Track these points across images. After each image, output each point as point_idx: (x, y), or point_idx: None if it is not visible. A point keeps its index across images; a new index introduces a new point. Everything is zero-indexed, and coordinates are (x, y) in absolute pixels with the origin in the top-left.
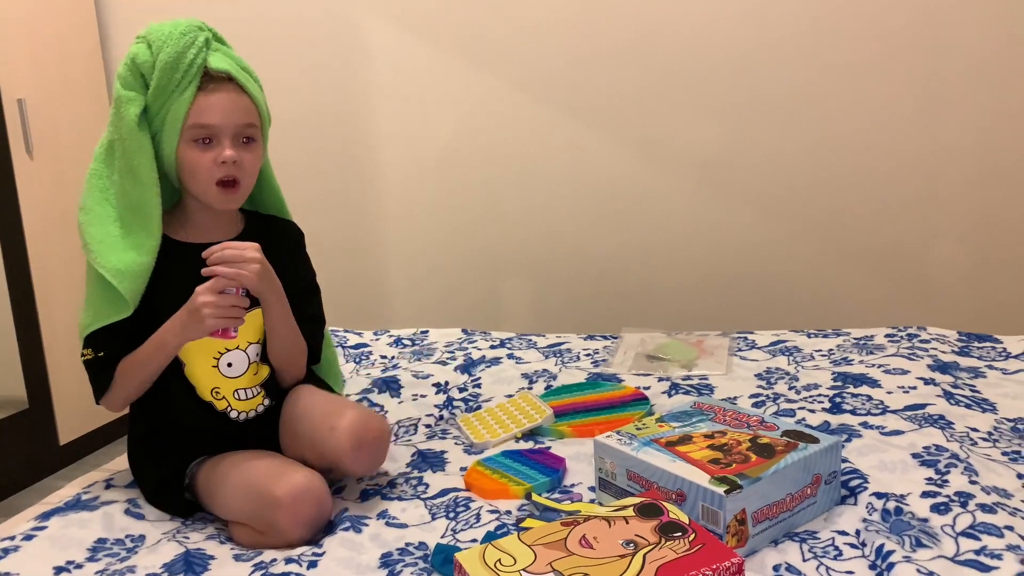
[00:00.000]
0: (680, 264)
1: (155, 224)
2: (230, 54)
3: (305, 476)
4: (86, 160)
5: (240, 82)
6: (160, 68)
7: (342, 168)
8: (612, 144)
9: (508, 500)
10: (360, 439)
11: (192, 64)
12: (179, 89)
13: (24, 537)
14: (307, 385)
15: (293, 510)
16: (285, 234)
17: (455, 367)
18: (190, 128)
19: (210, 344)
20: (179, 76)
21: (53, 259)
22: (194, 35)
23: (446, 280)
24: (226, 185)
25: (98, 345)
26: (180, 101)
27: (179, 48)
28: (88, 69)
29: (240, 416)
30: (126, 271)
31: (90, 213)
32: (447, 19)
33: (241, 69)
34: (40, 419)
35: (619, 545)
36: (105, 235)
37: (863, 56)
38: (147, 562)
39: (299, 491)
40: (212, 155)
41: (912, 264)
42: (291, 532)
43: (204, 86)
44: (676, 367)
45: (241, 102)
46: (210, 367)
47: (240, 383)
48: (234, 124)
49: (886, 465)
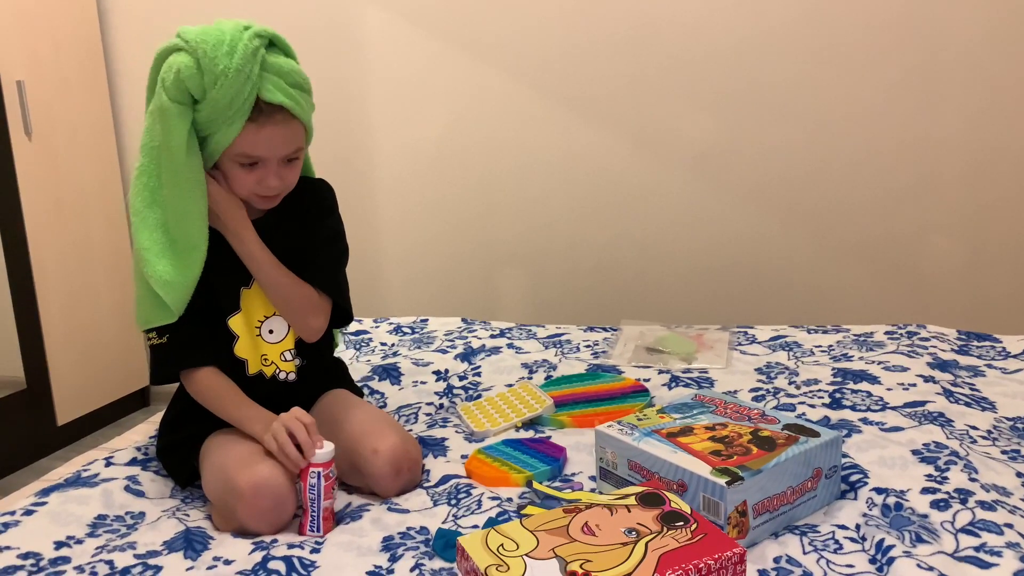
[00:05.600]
0: (675, 257)
1: (200, 237)
2: (284, 70)
3: (269, 469)
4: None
5: (292, 111)
6: (211, 103)
7: (339, 159)
8: (610, 136)
9: (509, 488)
10: (399, 466)
11: (246, 101)
12: (228, 121)
13: (24, 512)
14: (342, 390)
15: (251, 502)
16: (313, 193)
17: (455, 355)
18: (236, 155)
19: (252, 314)
20: (231, 113)
21: (51, 240)
22: (250, 67)
23: (443, 272)
24: (265, 196)
25: (162, 330)
26: (228, 131)
27: (235, 87)
28: (87, 51)
29: (289, 377)
30: (173, 283)
31: (138, 215)
32: (442, 11)
33: (294, 92)
34: (38, 400)
35: (621, 533)
36: (153, 242)
37: (859, 49)
38: (147, 539)
39: (259, 484)
40: (255, 176)
41: (908, 258)
42: (249, 523)
43: (255, 117)
44: (676, 360)
45: (290, 132)
46: (254, 336)
47: (284, 345)
48: (281, 155)
49: (886, 461)
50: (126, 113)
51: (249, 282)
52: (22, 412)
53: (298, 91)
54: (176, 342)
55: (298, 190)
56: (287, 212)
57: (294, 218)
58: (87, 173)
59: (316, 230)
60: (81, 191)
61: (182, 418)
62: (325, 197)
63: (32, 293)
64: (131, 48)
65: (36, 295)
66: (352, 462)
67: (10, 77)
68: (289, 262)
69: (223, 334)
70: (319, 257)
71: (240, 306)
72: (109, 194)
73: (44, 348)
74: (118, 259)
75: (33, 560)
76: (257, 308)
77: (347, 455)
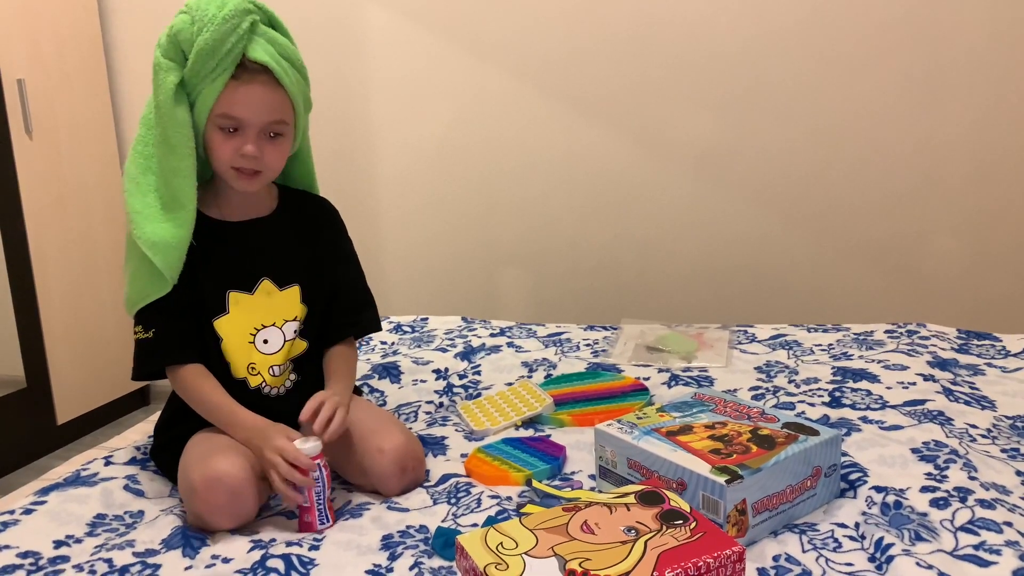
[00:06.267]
0: (676, 256)
1: (188, 196)
2: (277, 40)
3: (226, 464)
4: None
5: (277, 75)
6: (197, 51)
7: (341, 158)
8: (611, 136)
9: (509, 486)
10: (404, 464)
11: (230, 53)
12: (212, 75)
13: (23, 511)
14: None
15: (204, 497)
16: (321, 210)
17: (455, 354)
18: (217, 116)
19: (247, 321)
20: (214, 63)
21: (52, 238)
22: (238, 20)
23: (443, 271)
24: (243, 171)
25: (148, 323)
26: (211, 87)
27: (219, 35)
28: (88, 49)
29: (272, 392)
30: (160, 243)
31: (132, 182)
32: (444, 10)
33: (282, 59)
34: (38, 399)
35: (620, 531)
36: (144, 205)
37: (861, 49)
38: (146, 537)
39: (211, 479)
40: (234, 144)
41: (909, 258)
42: (209, 520)
43: (238, 75)
44: (676, 359)
45: (273, 97)
46: (246, 343)
47: (275, 360)
48: (262, 120)
49: (885, 459)
50: (127, 111)
51: (250, 288)
52: (22, 411)
53: (288, 63)
54: (162, 337)
55: (303, 199)
56: (294, 218)
57: (302, 224)
58: (88, 171)
59: (335, 247)
60: (82, 189)
61: (175, 418)
62: (336, 215)
63: (32, 292)
64: (132, 46)
65: (36, 294)
66: (356, 461)
67: (11, 75)
68: (293, 263)
69: (208, 335)
70: (350, 274)
71: (228, 308)
72: (109, 192)
73: (44, 347)
74: (119, 257)
75: (32, 559)
76: (255, 315)
77: (351, 454)
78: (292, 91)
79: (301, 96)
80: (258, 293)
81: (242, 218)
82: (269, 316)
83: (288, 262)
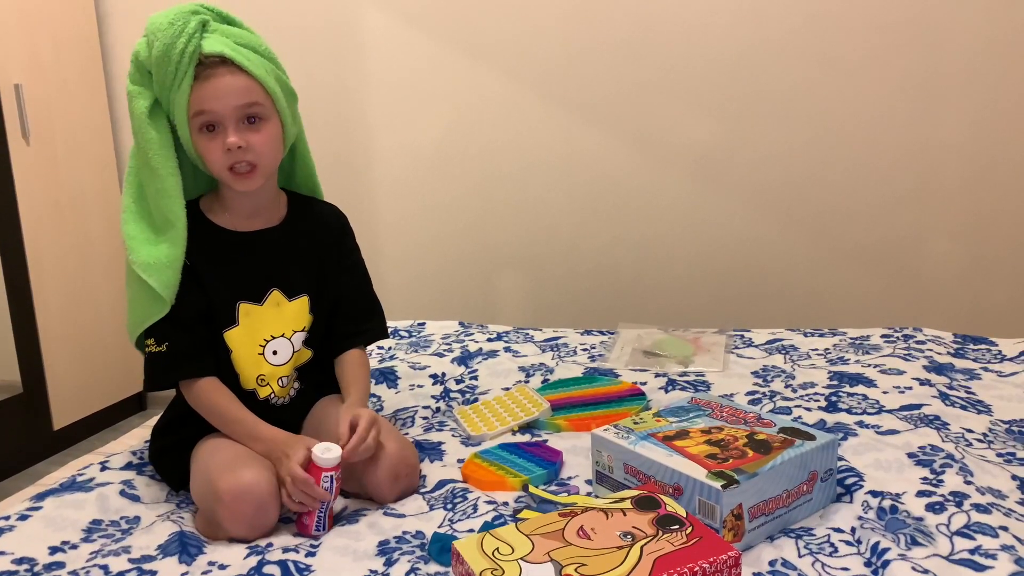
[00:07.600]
0: (674, 260)
1: (177, 215)
2: (229, 32)
3: (253, 475)
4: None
5: (236, 62)
6: (155, 62)
7: (339, 161)
8: (608, 139)
9: (505, 492)
10: (397, 472)
11: (183, 53)
12: (175, 81)
13: (19, 517)
14: (339, 395)
15: (232, 507)
16: (331, 219)
17: (452, 359)
18: (194, 117)
19: (256, 332)
20: (173, 68)
21: (49, 245)
22: (184, 22)
23: (441, 275)
24: (238, 170)
25: (161, 337)
26: (180, 93)
27: (167, 40)
28: (86, 55)
29: (278, 401)
30: (155, 264)
31: (127, 211)
32: (442, 13)
33: (240, 47)
34: (34, 404)
35: (616, 536)
36: (139, 231)
37: (858, 53)
38: (142, 543)
39: (240, 490)
40: (219, 142)
41: (906, 261)
42: (230, 529)
43: (199, 73)
44: (673, 363)
45: (238, 83)
46: (256, 355)
47: (283, 371)
48: (232, 107)
49: (881, 464)
50: (124, 117)
51: (259, 299)
52: (18, 416)
53: (248, 49)
54: (176, 350)
55: (313, 207)
56: (304, 227)
57: (312, 234)
58: (85, 177)
59: (344, 256)
60: (79, 195)
61: (175, 423)
62: (346, 223)
63: (29, 297)
64: (130, 52)
65: (33, 299)
66: (349, 468)
67: (8, 80)
68: (303, 274)
69: (219, 346)
70: (358, 281)
71: (237, 320)
72: (107, 198)
73: (40, 352)
74: (116, 263)
75: (28, 565)
76: (265, 326)
77: (345, 461)
78: (257, 74)
79: (272, 78)
80: (267, 304)
81: (252, 228)
82: (278, 327)
83: (298, 273)
